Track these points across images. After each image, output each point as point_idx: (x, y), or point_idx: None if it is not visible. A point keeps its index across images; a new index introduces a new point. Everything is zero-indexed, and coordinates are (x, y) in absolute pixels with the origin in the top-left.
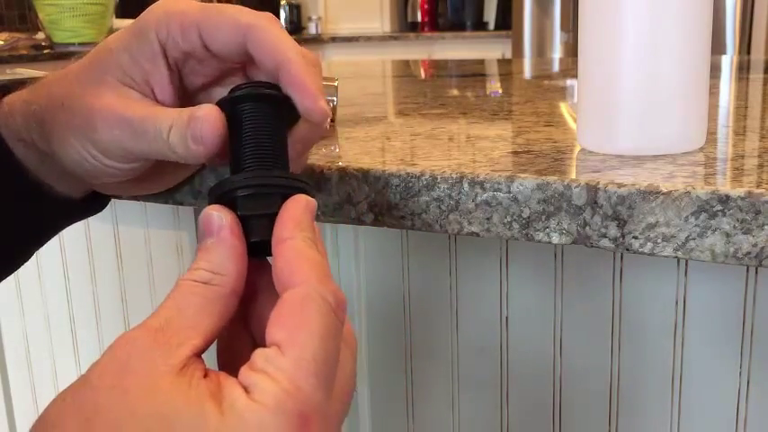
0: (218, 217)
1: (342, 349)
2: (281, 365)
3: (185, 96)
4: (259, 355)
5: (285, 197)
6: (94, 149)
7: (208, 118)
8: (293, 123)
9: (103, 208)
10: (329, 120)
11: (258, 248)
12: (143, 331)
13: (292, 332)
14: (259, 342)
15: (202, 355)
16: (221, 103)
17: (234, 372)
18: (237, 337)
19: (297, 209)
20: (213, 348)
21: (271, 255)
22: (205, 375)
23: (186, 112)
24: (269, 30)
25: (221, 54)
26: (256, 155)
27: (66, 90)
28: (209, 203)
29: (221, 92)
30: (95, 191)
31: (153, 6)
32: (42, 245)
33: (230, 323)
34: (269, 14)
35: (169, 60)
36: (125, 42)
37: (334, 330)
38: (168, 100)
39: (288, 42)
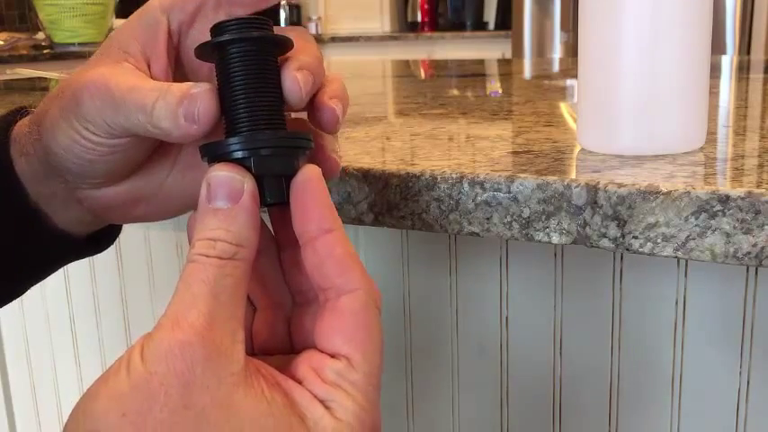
0: (239, 180)
1: None
2: (356, 382)
3: (181, 74)
4: (327, 366)
5: (292, 159)
6: (80, 125)
7: (205, 96)
8: (285, 52)
9: (107, 247)
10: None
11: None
12: (194, 335)
13: (361, 347)
14: (255, 301)
15: None
16: (204, 47)
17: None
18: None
19: (324, 191)
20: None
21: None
22: (271, 382)
23: (177, 86)
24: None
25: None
26: (254, 109)
27: (66, 83)
28: (210, 161)
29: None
30: (98, 230)
31: None
32: (39, 280)
33: None
34: None
35: (172, 27)
36: (129, 20)
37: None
38: (162, 74)
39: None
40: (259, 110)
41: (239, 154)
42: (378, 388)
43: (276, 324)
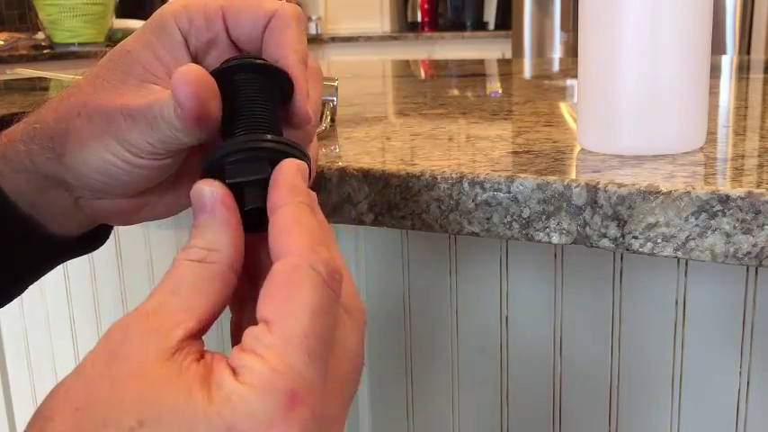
0: (209, 191)
1: (344, 323)
2: (270, 343)
3: None
4: (248, 334)
5: (275, 162)
6: (124, 150)
7: (182, 78)
8: (287, 100)
9: (98, 247)
10: (323, 124)
11: (256, 218)
12: (135, 317)
13: (280, 307)
14: None
15: (205, 337)
16: (213, 75)
17: None
18: (249, 318)
19: (288, 173)
20: (223, 332)
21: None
22: (200, 359)
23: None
24: (287, 23)
25: (242, 40)
26: (247, 123)
27: (82, 100)
28: (201, 177)
29: None
30: (91, 229)
31: (168, 3)
32: (35, 280)
33: (240, 302)
34: (294, 6)
35: (191, 51)
36: (144, 40)
37: (328, 302)
38: None
39: (296, 44)
40: (243, 124)
41: (214, 164)
42: (307, 356)
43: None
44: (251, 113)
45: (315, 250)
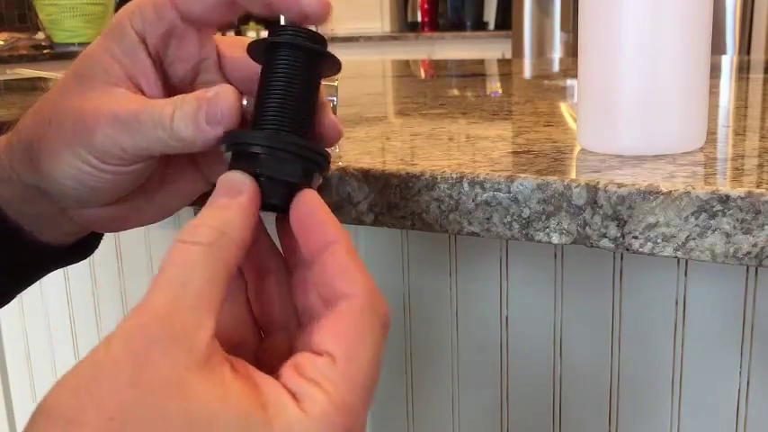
0: (241, 180)
1: None
2: (334, 379)
3: (170, 93)
4: (309, 361)
5: (307, 170)
6: (90, 156)
7: (226, 96)
8: (331, 74)
9: (89, 254)
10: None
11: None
12: (152, 317)
13: (349, 347)
14: (263, 325)
15: None
16: (256, 44)
17: (238, 356)
18: (239, 318)
19: (323, 205)
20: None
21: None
22: (231, 367)
23: (191, 95)
24: None
25: (203, 18)
26: (286, 112)
27: (52, 107)
28: (225, 150)
29: (203, 85)
30: (81, 238)
31: (125, 5)
32: (24, 288)
33: (230, 299)
34: None
35: (150, 49)
36: (103, 43)
37: (382, 347)
38: (156, 93)
39: None
40: (287, 114)
41: (253, 148)
42: (362, 399)
43: (283, 348)
44: (291, 102)
45: (376, 294)
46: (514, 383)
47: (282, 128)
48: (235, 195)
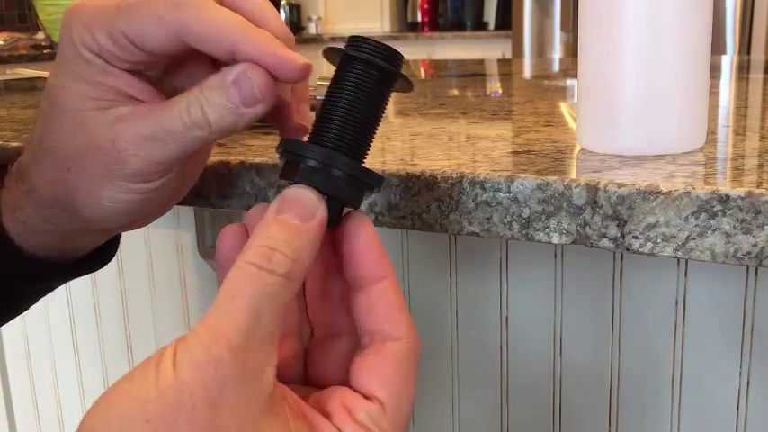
0: (315, 203)
1: None
2: (384, 426)
3: (159, 79)
4: (360, 405)
5: (362, 194)
6: (131, 183)
7: (255, 72)
8: (402, 91)
9: (104, 265)
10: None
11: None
12: (229, 354)
13: (396, 392)
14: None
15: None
16: (335, 52)
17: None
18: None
19: (377, 238)
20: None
21: None
22: (289, 406)
23: (209, 85)
24: (204, 17)
25: (162, 54)
26: (349, 133)
27: (60, 155)
28: (282, 155)
29: (192, 81)
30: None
31: (66, 18)
32: (35, 302)
33: None
34: None
35: (118, 66)
36: (71, 71)
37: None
38: (154, 97)
39: (229, 19)
40: (351, 134)
41: (314, 164)
42: None
43: (293, 354)
44: (358, 118)
45: (416, 337)
46: (514, 383)
47: (340, 147)
48: (307, 219)
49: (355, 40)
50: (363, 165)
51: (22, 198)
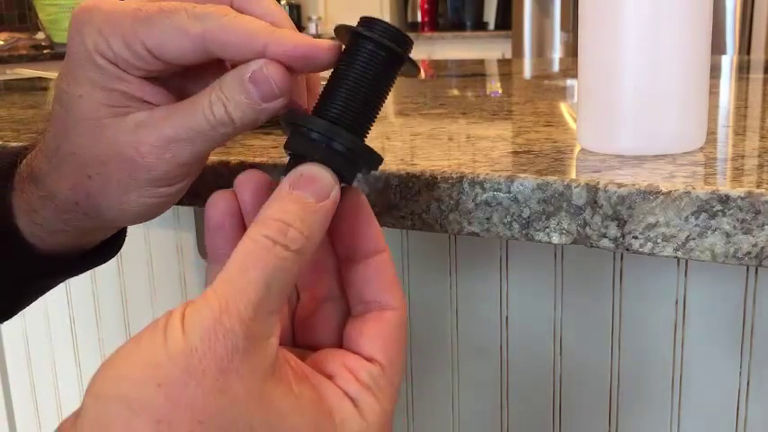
0: (331, 183)
1: None
2: (383, 386)
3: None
4: (362, 367)
5: (358, 171)
6: (158, 188)
7: (273, 69)
8: (409, 76)
9: (112, 256)
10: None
11: None
12: (239, 324)
13: (393, 356)
14: None
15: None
16: (345, 30)
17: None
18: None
19: (373, 214)
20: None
21: None
22: (291, 369)
23: (227, 82)
24: (229, 25)
25: (180, 63)
26: (353, 109)
27: (80, 162)
28: (285, 126)
29: (206, 80)
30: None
31: (76, 21)
32: (42, 295)
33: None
34: (221, 6)
35: (131, 72)
36: (85, 78)
37: None
38: (165, 99)
39: (255, 24)
40: (355, 110)
41: (315, 136)
42: (395, 401)
43: (283, 318)
44: (364, 96)
45: (406, 308)
46: (514, 383)
47: (343, 122)
48: (322, 198)
49: (367, 20)
50: (361, 142)
51: (38, 202)
